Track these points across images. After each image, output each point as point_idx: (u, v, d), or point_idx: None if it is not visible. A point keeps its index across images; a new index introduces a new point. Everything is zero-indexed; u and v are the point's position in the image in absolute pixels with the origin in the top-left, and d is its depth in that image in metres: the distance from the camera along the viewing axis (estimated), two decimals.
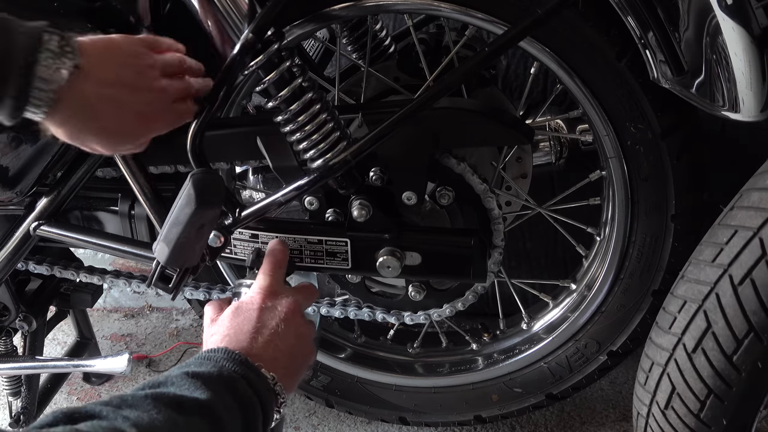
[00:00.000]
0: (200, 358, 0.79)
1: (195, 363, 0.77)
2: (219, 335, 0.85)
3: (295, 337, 0.88)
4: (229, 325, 0.86)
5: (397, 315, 1.18)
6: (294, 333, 0.88)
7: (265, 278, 0.94)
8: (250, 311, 0.88)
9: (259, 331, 0.85)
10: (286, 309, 0.89)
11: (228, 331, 0.85)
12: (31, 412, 1.41)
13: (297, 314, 0.90)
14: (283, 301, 0.90)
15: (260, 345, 0.84)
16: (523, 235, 1.57)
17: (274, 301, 0.90)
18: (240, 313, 0.88)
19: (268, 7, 0.86)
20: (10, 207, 1.12)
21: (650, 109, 1.00)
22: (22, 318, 1.33)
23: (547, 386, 1.30)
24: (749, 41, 0.79)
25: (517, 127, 1.04)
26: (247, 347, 0.83)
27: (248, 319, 0.87)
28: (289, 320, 0.88)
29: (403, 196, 1.03)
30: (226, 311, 0.89)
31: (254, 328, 0.85)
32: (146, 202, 1.06)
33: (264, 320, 0.87)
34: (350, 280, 1.17)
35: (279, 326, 0.87)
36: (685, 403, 0.93)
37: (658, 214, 1.08)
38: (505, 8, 0.97)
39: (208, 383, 0.72)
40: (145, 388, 0.71)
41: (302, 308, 0.93)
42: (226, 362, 0.78)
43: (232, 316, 0.88)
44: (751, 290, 0.84)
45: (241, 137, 1.05)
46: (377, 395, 1.40)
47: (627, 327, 1.19)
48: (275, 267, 0.96)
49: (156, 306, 1.95)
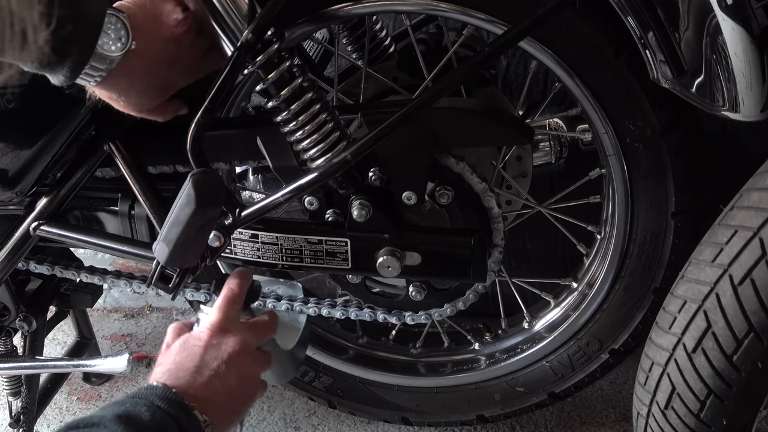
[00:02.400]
0: (137, 397, 0.80)
1: (131, 402, 0.78)
2: (163, 367, 0.87)
3: (236, 378, 0.88)
4: (174, 360, 0.88)
5: (398, 315, 1.18)
6: (236, 374, 0.88)
7: (217, 314, 0.93)
8: (195, 347, 0.89)
9: (199, 370, 0.86)
10: (230, 350, 0.89)
11: (171, 366, 0.87)
12: (31, 412, 1.41)
13: (242, 354, 0.90)
14: (229, 340, 0.90)
15: (198, 385, 0.85)
16: (523, 235, 1.57)
17: (220, 339, 0.90)
18: (185, 349, 0.89)
19: (268, 7, 0.86)
20: (10, 207, 1.12)
21: (649, 106, 1.00)
22: (22, 318, 1.33)
23: (550, 385, 1.30)
24: (749, 41, 0.79)
25: (517, 127, 1.04)
26: (185, 386, 0.83)
27: (191, 356, 0.88)
28: (232, 361, 0.88)
29: (403, 196, 1.03)
30: (176, 343, 0.90)
31: (195, 368, 0.86)
32: (146, 202, 1.06)
33: (206, 360, 0.87)
34: (351, 280, 1.17)
35: (220, 367, 0.87)
36: (685, 403, 0.93)
37: (658, 212, 1.08)
38: (506, 8, 0.97)
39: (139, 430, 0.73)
40: (78, 427, 0.73)
41: (251, 347, 0.93)
42: (161, 402, 0.79)
43: (179, 350, 0.89)
44: (751, 290, 0.84)
45: (241, 137, 1.05)
46: (380, 396, 1.40)
47: (628, 325, 1.19)
48: (229, 302, 0.95)
49: (156, 306, 1.95)
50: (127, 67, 0.83)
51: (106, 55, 0.81)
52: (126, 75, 0.85)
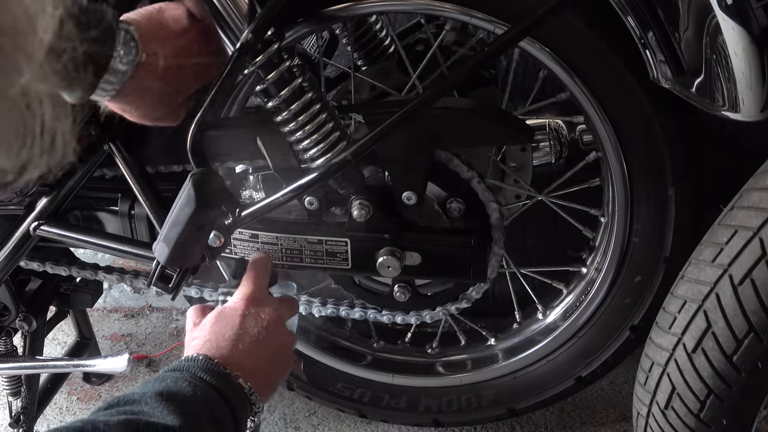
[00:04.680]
0: (177, 370, 0.78)
1: (171, 378, 0.76)
2: (200, 339, 0.85)
3: (276, 345, 0.88)
4: (211, 330, 0.86)
5: (417, 315, 1.17)
6: (275, 342, 0.88)
7: (249, 286, 0.93)
8: (233, 317, 0.87)
9: (240, 337, 0.85)
10: (268, 318, 0.89)
11: (209, 336, 0.85)
12: (31, 412, 1.41)
13: (279, 324, 0.90)
14: (266, 309, 0.90)
15: (240, 352, 0.83)
16: (523, 234, 1.57)
17: (257, 308, 0.89)
18: (222, 319, 0.87)
19: (268, 7, 0.86)
20: (10, 207, 1.12)
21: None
22: (22, 318, 1.33)
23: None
24: (749, 41, 0.79)
25: (517, 127, 1.04)
26: (227, 354, 0.82)
27: (230, 325, 0.86)
28: (271, 329, 0.88)
29: (403, 196, 1.03)
30: (209, 316, 0.89)
31: (236, 335, 0.85)
32: (146, 202, 1.06)
33: (246, 327, 0.86)
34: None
35: (260, 334, 0.86)
36: (685, 403, 0.93)
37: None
38: (506, 8, 0.97)
39: (182, 407, 0.71)
40: (119, 404, 0.71)
41: (284, 319, 0.93)
42: (203, 373, 0.77)
43: (214, 321, 0.87)
44: (751, 290, 0.84)
45: (241, 137, 1.05)
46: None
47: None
48: (259, 276, 0.96)
49: (156, 306, 1.95)
50: (138, 79, 0.83)
51: (119, 69, 0.80)
52: (138, 86, 0.84)
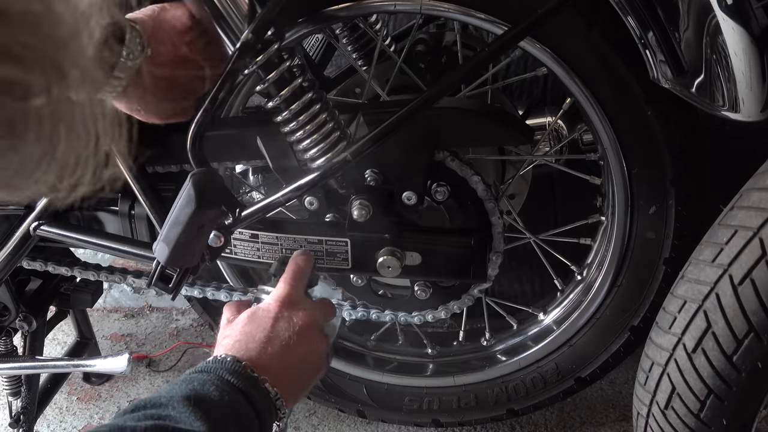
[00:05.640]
0: (205, 372, 0.78)
1: (198, 381, 0.76)
2: (231, 339, 0.85)
3: (306, 351, 0.87)
4: (242, 330, 0.86)
5: (445, 309, 1.16)
6: (306, 348, 0.87)
7: (285, 287, 0.92)
8: (265, 319, 0.87)
9: (270, 340, 0.84)
10: (301, 321, 0.87)
11: (240, 336, 0.85)
12: (31, 412, 1.41)
13: (312, 328, 0.88)
14: (299, 313, 0.89)
15: (269, 355, 0.83)
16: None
17: (290, 311, 0.88)
18: (254, 320, 0.87)
19: (268, 7, 0.86)
20: (10, 207, 1.12)
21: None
22: (22, 318, 1.33)
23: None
24: (749, 41, 0.79)
25: (517, 127, 1.04)
26: (255, 357, 0.82)
27: (261, 327, 0.86)
28: (303, 333, 0.87)
29: (403, 196, 1.03)
30: (242, 315, 0.89)
31: (266, 337, 0.84)
32: (146, 202, 1.06)
33: (277, 330, 0.86)
34: (355, 283, 1.16)
35: (291, 338, 0.85)
36: (685, 403, 0.93)
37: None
38: (506, 8, 0.97)
39: (209, 412, 0.71)
40: (146, 407, 0.71)
41: (318, 323, 0.91)
42: (230, 376, 0.77)
43: (246, 321, 0.87)
44: (751, 290, 0.84)
45: (241, 137, 1.05)
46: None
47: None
48: (296, 277, 0.94)
49: (156, 306, 1.95)
50: (143, 75, 0.85)
51: (126, 66, 0.82)
52: (142, 82, 0.86)
